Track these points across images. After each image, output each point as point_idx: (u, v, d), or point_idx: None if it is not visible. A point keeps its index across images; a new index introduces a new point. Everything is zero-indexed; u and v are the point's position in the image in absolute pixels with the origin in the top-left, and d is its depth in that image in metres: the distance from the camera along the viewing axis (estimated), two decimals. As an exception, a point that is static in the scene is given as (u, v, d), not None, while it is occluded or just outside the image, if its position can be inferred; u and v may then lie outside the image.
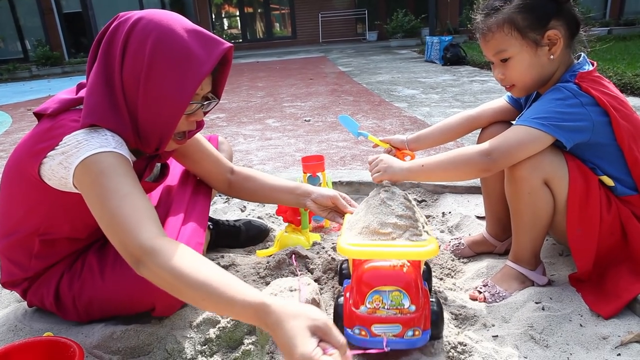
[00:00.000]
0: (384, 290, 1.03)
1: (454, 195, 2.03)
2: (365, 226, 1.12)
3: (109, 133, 1.03)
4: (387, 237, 1.09)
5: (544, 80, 1.27)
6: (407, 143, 1.59)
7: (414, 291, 1.02)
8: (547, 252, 1.51)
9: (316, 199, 1.40)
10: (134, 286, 1.14)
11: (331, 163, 2.71)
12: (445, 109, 4.07)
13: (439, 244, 1.12)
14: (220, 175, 1.45)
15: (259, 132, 3.76)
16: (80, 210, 1.05)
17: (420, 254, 1.04)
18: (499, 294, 1.31)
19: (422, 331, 1.04)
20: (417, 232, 1.09)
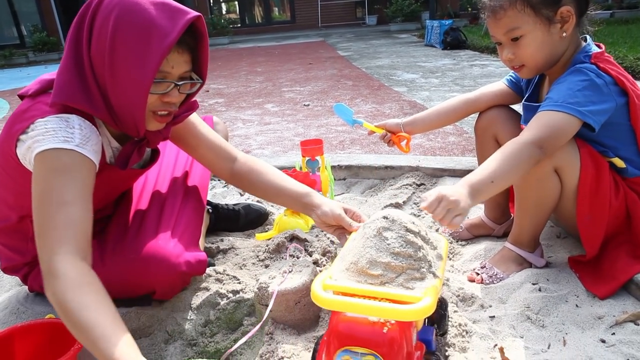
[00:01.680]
0: (355, 352, 0.86)
1: (453, 179, 2.03)
2: (354, 262, 0.93)
3: (80, 124, 1.00)
4: (375, 280, 0.90)
5: (554, 60, 1.24)
6: (403, 126, 1.57)
7: (396, 357, 0.84)
8: (545, 235, 1.52)
9: (321, 215, 1.24)
10: (134, 270, 1.15)
11: (330, 147, 2.71)
12: (444, 93, 4.05)
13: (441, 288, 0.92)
14: (221, 163, 1.35)
15: (258, 117, 3.75)
16: None
17: (404, 312, 0.80)
18: (497, 276, 1.32)
19: None
20: (418, 276, 0.89)
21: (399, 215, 0.95)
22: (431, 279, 0.89)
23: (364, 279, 0.91)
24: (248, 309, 1.25)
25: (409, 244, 0.91)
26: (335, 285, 0.90)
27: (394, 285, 0.88)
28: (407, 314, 0.80)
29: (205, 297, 1.28)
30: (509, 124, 1.44)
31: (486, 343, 1.08)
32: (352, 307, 0.84)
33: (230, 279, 1.35)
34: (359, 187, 2.12)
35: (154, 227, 1.22)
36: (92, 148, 1.01)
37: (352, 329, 0.86)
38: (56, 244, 0.91)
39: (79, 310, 0.84)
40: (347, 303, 0.84)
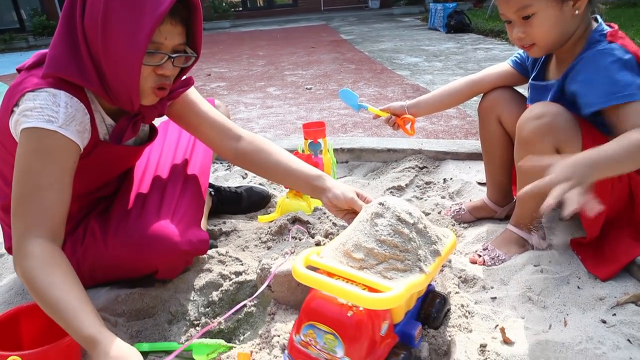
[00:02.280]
0: (319, 328, 0.87)
1: (456, 162, 2.02)
2: (343, 242, 0.94)
3: (66, 102, 1.00)
4: (355, 263, 0.90)
5: (565, 39, 1.21)
6: (407, 108, 1.57)
7: (355, 342, 0.84)
8: (547, 217, 1.52)
9: (332, 199, 1.22)
10: (137, 250, 1.15)
11: (332, 130, 2.70)
12: (448, 77, 4.02)
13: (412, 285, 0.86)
14: (225, 142, 1.31)
15: (260, 101, 3.74)
16: None
17: (365, 299, 0.80)
18: (499, 257, 1.33)
19: None
20: (400, 267, 0.88)
21: (396, 203, 0.94)
22: (416, 274, 0.88)
23: (346, 261, 0.91)
24: (250, 290, 1.26)
25: (398, 234, 0.90)
26: (317, 262, 0.91)
27: (372, 272, 0.89)
28: (368, 301, 0.80)
29: (208, 278, 1.29)
30: (512, 105, 1.43)
31: (488, 324, 1.09)
32: (321, 285, 0.86)
33: (232, 261, 1.36)
34: (362, 170, 2.11)
35: (156, 208, 1.22)
36: (76, 128, 1.01)
37: (320, 306, 0.88)
38: (29, 226, 0.95)
39: (47, 288, 0.90)
40: (317, 280, 0.86)
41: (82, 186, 1.21)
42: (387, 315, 0.89)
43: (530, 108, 1.24)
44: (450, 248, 0.99)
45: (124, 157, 1.26)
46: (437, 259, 0.93)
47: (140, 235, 1.15)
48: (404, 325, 0.95)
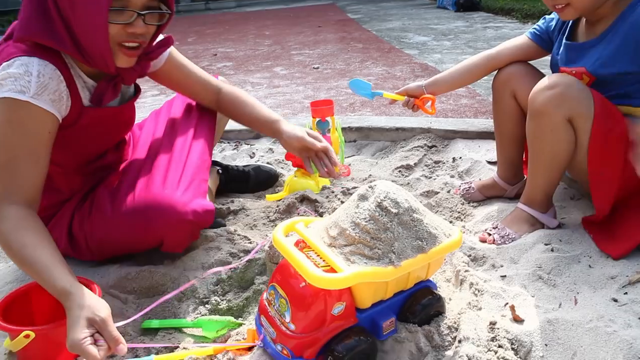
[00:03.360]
0: (278, 291, 0.92)
1: (465, 141, 2.00)
2: (332, 218, 0.95)
3: (39, 70, 0.99)
4: (328, 240, 0.91)
5: (601, 2, 1.17)
6: (425, 88, 1.55)
7: (301, 312, 0.87)
8: (558, 196, 1.50)
9: (285, 142, 1.37)
10: (142, 221, 1.16)
11: (340, 109, 2.68)
12: (457, 56, 3.95)
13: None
14: (208, 96, 1.43)
15: (267, 80, 3.70)
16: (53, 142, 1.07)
17: (309, 275, 0.83)
18: (509, 236, 1.32)
19: (294, 357, 0.89)
20: (367, 253, 0.87)
21: (385, 190, 0.92)
22: (382, 264, 0.86)
23: (322, 235, 0.93)
24: (259, 268, 1.26)
25: (374, 221, 0.88)
26: (298, 230, 0.96)
27: (337, 251, 0.89)
28: (309, 276, 0.83)
29: (217, 256, 1.29)
30: (528, 80, 1.39)
31: (497, 301, 1.08)
32: (284, 252, 0.90)
33: (241, 239, 1.36)
34: (370, 149, 2.09)
35: (161, 180, 1.22)
36: (49, 97, 1.01)
37: (283, 271, 0.92)
38: (3, 195, 0.99)
39: (21, 248, 0.95)
40: (283, 247, 0.91)
41: (79, 156, 1.21)
42: (343, 297, 0.88)
43: (543, 79, 1.23)
44: (447, 247, 0.94)
45: (113, 118, 1.24)
46: (419, 255, 0.90)
47: (146, 206, 1.15)
48: (374, 313, 0.94)
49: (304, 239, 0.95)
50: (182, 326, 1.11)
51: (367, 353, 0.91)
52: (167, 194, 1.18)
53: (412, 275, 0.96)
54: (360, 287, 0.89)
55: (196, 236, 1.29)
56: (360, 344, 0.89)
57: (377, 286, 0.91)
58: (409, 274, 0.94)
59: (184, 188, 1.22)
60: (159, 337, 1.10)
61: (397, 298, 0.98)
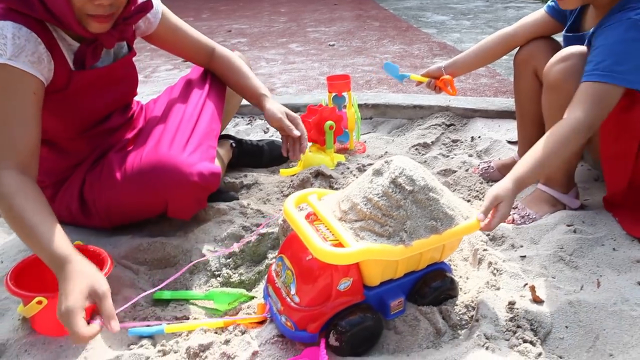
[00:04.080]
0: (285, 263, 0.91)
1: (485, 120, 1.95)
2: (345, 192, 0.92)
3: (14, 32, 0.97)
4: (339, 214, 0.89)
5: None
6: (444, 69, 1.55)
7: (306, 285, 0.86)
8: (581, 177, 1.45)
9: (266, 117, 1.40)
10: (147, 182, 1.15)
11: (356, 87, 2.62)
12: (476, 36, 3.85)
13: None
14: (200, 58, 1.44)
15: (282, 56, 3.65)
16: (46, 108, 1.07)
17: (314, 248, 0.81)
18: (529, 216, 1.28)
19: (298, 329, 0.87)
20: (377, 230, 0.84)
21: (401, 165, 0.88)
22: (392, 243, 0.83)
23: (334, 209, 0.91)
24: (272, 242, 1.24)
25: (387, 197, 0.85)
26: (310, 202, 0.94)
27: (347, 226, 0.86)
28: (315, 249, 0.80)
29: (230, 230, 1.27)
30: (549, 58, 1.33)
31: (516, 282, 1.05)
32: (294, 223, 0.88)
33: (254, 213, 1.34)
34: (386, 127, 2.05)
35: (168, 142, 1.20)
36: (27, 59, 1.00)
37: (291, 243, 0.91)
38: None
39: (22, 212, 0.93)
40: (292, 218, 0.88)
41: (80, 120, 1.20)
42: (350, 273, 0.86)
43: (558, 53, 1.19)
44: (463, 230, 0.91)
45: (105, 79, 1.22)
46: (432, 236, 0.87)
47: (151, 166, 1.15)
48: (383, 292, 0.92)
49: (315, 211, 0.92)
50: (194, 298, 1.10)
51: (371, 331, 0.88)
52: (173, 154, 1.17)
53: (425, 256, 0.93)
54: (369, 264, 0.86)
55: (203, 203, 1.27)
56: (365, 320, 0.87)
57: (387, 264, 0.88)
58: (422, 254, 0.91)
59: (191, 150, 1.20)
60: (170, 308, 1.09)
61: (408, 278, 0.95)
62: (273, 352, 0.87)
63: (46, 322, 0.98)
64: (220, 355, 0.89)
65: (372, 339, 0.89)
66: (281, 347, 0.88)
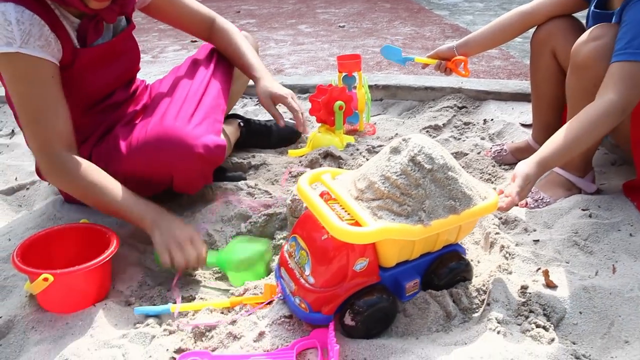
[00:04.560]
0: (299, 243, 0.88)
1: (498, 102, 1.90)
2: (361, 171, 0.90)
3: (17, 17, 0.96)
4: (355, 192, 0.86)
5: None
6: (457, 49, 1.47)
7: (322, 266, 0.83)
8: (598, 161, 1.41)
9: (258, 96, 1.38)
10: (151, 154, 1.14)
11: (367, 68, 2.58)
12: (490, 18, 3.77)
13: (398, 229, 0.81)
14: (200, 31, 1.43)
15: (291, 38, 3.60)
16: None
17: (331, 226, 0.78)
18: (543, 200, 1.25)
19: (312, 311, 0.85)
20: (395, 210, 0.81)
21: (420, 143, 0.85)
22: (410, 222, 0.81)
23: (349, 188, 0.88)
24: (280, 222, 1.23)
25: (405, 176, 0.83)
26: (324, 180, 0.92)
27: (364, 205, 0.84)
28: (332, 228, 0.78)
29: (237, 209, 1.26)
30: (570, 37, 1.28)
31: (529, 266, 1.02)
32: (308, 202, 0.85)
33: (262, 193, 1.32)
34: (397, 109, 2.01)
35: (173, 115, 1.19)
36: (36, 44, 1.00)
37: (305, 222, 0.88)
38: (46, 145, 1.05)
39: (101, 187, 1.05)
40: (307, 197, 0.86)
41: (85, 97, 1.19)
42: (366, 253, 0.84)
43: (588, 31, 1.13)
44: (481, 210, 0.89)
45: (108, 54, 1.20)
46: (450, 216, 0.84)
47: (156, 139, 1.14)
48: (398, 273, 0.90)
49: (330, 190, 0.90)
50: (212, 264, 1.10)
51: (386, 312, 0.87)
52: (178, 126, 1.16)
53: (441, 237, 0.90)
54: (386, 244, 0.84)
55: (209, 178, 1.25)
56: (381, 301, 0.85)
57: (404, 245, 0.86)
58: (438, 235, 0.88)
59: (196, 123, 1.19)
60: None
61: (423, 260, 0.93)
62: (280, 333, 0.86)
63: (53, 299, 0.98)
64: (226, 335, 0.88)
65: (386, 321, 0.88)
66: (288, 328, 0.87)
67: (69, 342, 0.91)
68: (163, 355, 0.84)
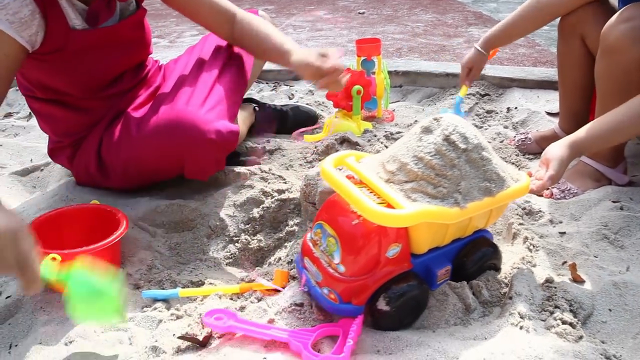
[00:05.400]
0: (325, 229, 0.82)
1: (523, 90, 1.83)
2: (389, 152, 0.85)
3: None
4: (385, 175, 0.81)
5: None
6: (482, 49, 1.41)
7: (352, 252, 0.78)
8: (630, 152, 1.34)
9: (298, 74, 1.19)
10: (163, 138, 1.11)
11: (387, 54, 2.52)
12: (515, 5, 3.64)
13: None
14: (222, 26, 1.29)
15: (309, 24, 3.55)
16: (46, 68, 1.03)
17: (366, 209, 0.73)
18: (570, 191, 1.18)
19: (342, 302, 0.80)
20: (430, 192, 0.77)
21: (453, 122, 0.80)
22: (446, 205, 0.76)
23: (377, 170, 0.83)
24: (293, 208, 1.19)
25: (441, 156, 0.78)
26: (349, 164, 0.86)
27: (396, 187, 0.79)
28: (367, 210, 0.73)
29: (250, 194, 1.22)
30: (600, 22, 1.20)
31: (554, 259, 0.97)
32: (336, 184, 0.80)
33: (275, 178, 1.29)
34: (416, 96, 1.95)
35: (186, 99, 1.15)
36: (7, 17, 0.94)
37: (332, 207, 0.83)
38: None
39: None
40: (334, 179, 0.80)
41: (88, 81, 1.16)
42: (399, 239, 0.79)
43: (619, 12, 1.07)
44: (515, 193, 0.84)
45: (112, 38, 1.16)
46: (485, 198, 0.80)
47: (167, 123, 1.11)
48: (429, 259, 0.85)
49: (356, 173, 0.84)
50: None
51: (418, 300, 0.82)
52: (190, 111, 1.12)
53: (473, 222, 0.85)
54: (420, 229, 0.79)
55: (221, 164, 1.22)
56: (415, 289, 0.80)
57: (437, 229, 0.81)
58: (470, 219, 0.83)
59: (209, 107, 1.15)
60: (186, 272, 1.06)
61: (453, 246, 0.88)
62: (290, 321, 0.83)
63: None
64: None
65: (418, 310, 0.83)
66: (298, 316, 0.84)
67: (76, 323, 0.89)
68: (169, 340, 0.82)
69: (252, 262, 1.12)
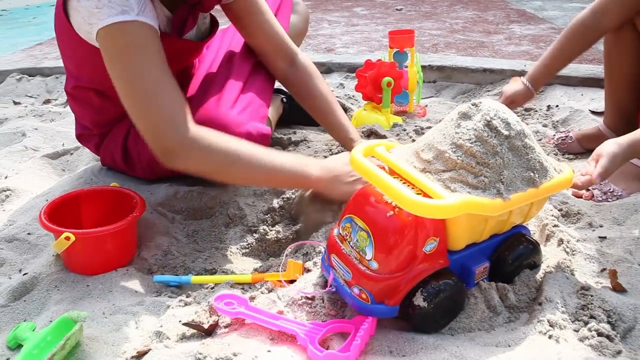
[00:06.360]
0: (356, 223, 0.76)
1: (565, 88, 1.73)
2: (423, 141, 0.79)
3: None
4: (420, 164, 0.76)
5: None
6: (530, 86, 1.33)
7: (387, 247, 0.72)
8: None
9: None
10: None
11: (422, 50, 2.44)
12: (561, 3, 3.49)
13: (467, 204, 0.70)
14: (277, 62, 1.22)
15: (345, 19, 3.50)
16: None
17: (404, 199, 0.67)
18: (613, 193, 1.10)
19: (375, 302, 0.73)
20: (470, 181, 0.71)
21: (493, 107, 0.74)
22: (488, 195, 0.70)
23: (411, 160, 0.78)
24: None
25: (481, 142, 0.72)
26: (379, 153, 0.81)
27: (434, 177, 0.73)
28: (406, 200, 0.67)
29: (270, 184, 1.19)
30: None
31: (592, 265, 0.89)
32: (367, 173, 0.75)
33: (298, 169, 1.25)
34: (450, 92, 1.88)
35: (216, 98, 1.12)
36: (151, 14, 0.92)
37: (363, 199, 0.78)
38: (172, 122, 0.90)
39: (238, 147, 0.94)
40: (366, 168, 0.75)
41: None
42: (437, 232, 0.73)
43: None
44: (558, 185, 0.78)
45: (185, 51, 1.17)
46: (529, 189, 0.74)
47: (196, 122, 1.06)
48: (466, 256, 0.78)
49: (388, 163, 0.79)
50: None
51: (456, 300, 0.76)
52: (222, 112, 1.09)
53: (513, 216, 0.79)
54: (459, 222, 0.73)
55: None
56: (452, 287, 0.74)
57: (476, 223, 0.75)
58: (510, 213, 0.77)
59: (241, 109, 1.12)
60: (200, 260, 1.03)
61: (489, 242, 0.81)
62: (299, 314, 0.79)
63: (75, 260, 0.96)
64: (244, 312, 0.81)
65: (455, 311, 0.77)
66: (308, 310, 0.79)
67: (87, 304, 0.88)
68: (174, 326, 0.79)
69: (269, 253, 1.09)
